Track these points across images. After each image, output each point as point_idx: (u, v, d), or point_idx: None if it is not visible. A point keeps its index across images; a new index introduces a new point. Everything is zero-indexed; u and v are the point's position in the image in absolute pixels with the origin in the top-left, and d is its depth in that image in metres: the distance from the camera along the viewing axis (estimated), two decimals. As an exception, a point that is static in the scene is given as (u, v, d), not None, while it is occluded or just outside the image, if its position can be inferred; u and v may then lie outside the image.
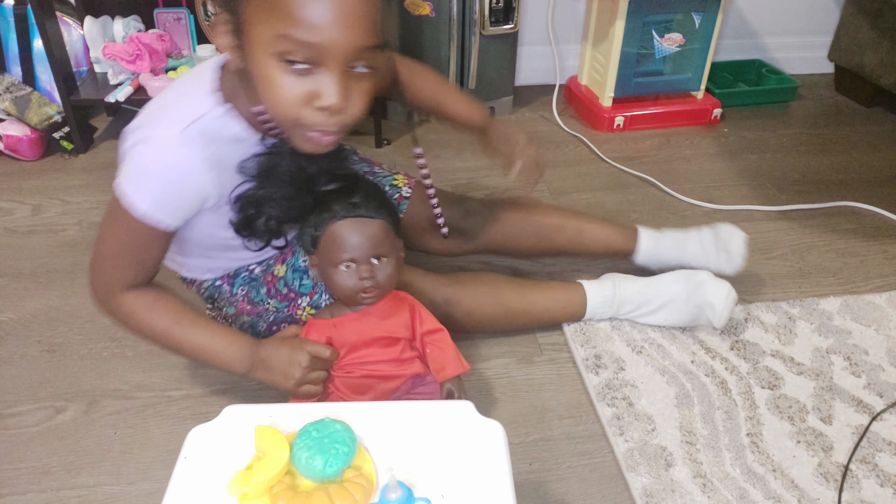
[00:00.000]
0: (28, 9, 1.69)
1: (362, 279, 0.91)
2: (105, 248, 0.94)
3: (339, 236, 0.91)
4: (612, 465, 1.03)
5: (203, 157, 0.88)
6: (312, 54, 0.76)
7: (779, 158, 1.87)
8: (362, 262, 0.92)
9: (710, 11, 1.90)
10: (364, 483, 0.59)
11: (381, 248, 0.93)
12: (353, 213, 0.92)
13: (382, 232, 0.93)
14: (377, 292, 0.93)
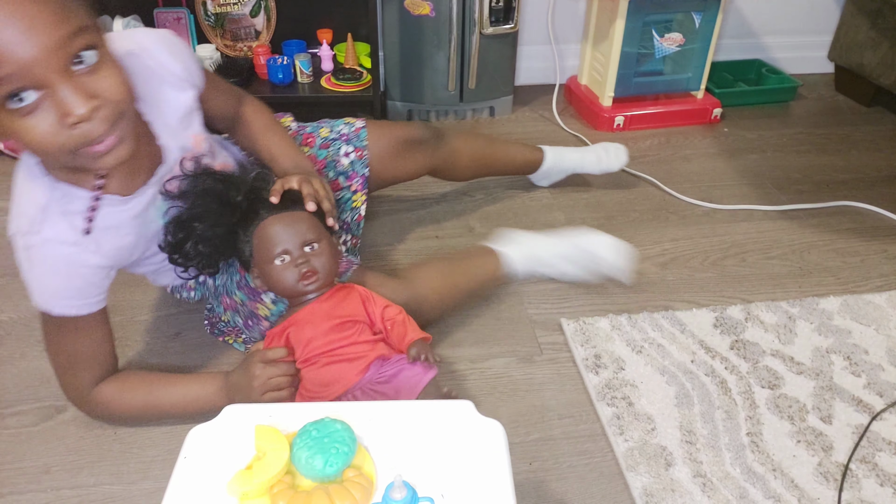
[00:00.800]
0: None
1: (298, 266, 0.96)
2: (58, 362, 0.99)
3: (267, 233, 0.97)
4: (612, 465, 1.03)
5: (71, 240, 0.88)
6: (21, 82, 0.69)
7: (779, 158, 1.87)
8: (295, 250, 0.96)
9: (710, 11, 1.90)
10: (364, 483, 0.59)
11: (310, 235, 0.97)
12: (274, 210, 0.97)
13: (307, 220, 0.98)
14: (317, 277, 0.97)
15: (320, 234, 0.99)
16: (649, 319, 1.28)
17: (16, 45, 0.67)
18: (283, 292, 1.00)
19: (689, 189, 1.71)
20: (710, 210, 1.64)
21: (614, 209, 1.64)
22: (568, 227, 1.57)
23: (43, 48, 0.68)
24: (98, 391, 1.00)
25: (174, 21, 1.88)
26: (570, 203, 1.66)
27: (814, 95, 2.22)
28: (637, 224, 1.59)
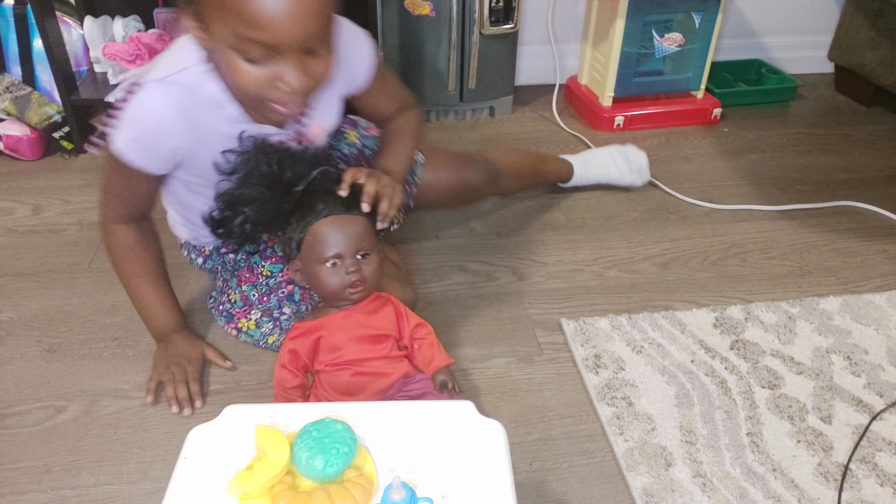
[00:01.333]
0: (28, 9, 1.69)
1: (349, 273, 0.93)
2: (104, 183, 1.07)
3: (323, 234, 0.93)
4: (612, 465, 1.03)
5: (177, 108, 0.94)
6: (268, 50, 0.81)
7: (779, 158, 1.87)
8: (348, 257, 0.93)
9: (710, 11, 1.90)
10: (364, 483, 0.59)
11: (365, 244, 0.95)
12: (335, 210, 0.94)
13: (365, 229, 0.96)
14: (364, 287, 0.95)
15: (373, 244, 0.97)
16: (649, 319, 1.28)
17: (282, 23, 0.79)
18: (325, 295, 0.98)
19: (689, 189, 1.71)
20: (710, 210, 1.64)
21: (614, 209, 1.64)
22: (567, 226, 1.57)
23: (306, 35, 0.81)
24: (117, 230, 1.10)
25: (174, 21, 1.88)
26: (570, 203, 1.66)
27: (814, 95, 2.22)
28: (637, 224, 1.59)
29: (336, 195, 0.95)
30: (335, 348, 0.95)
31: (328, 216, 0.93)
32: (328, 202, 0.94)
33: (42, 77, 1.80)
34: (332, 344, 0.95)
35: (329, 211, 0.94)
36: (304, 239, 0.94)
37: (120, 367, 1.18)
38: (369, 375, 0.95)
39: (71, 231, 1.53)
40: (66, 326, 1.27)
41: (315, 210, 0.94)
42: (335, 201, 0.94)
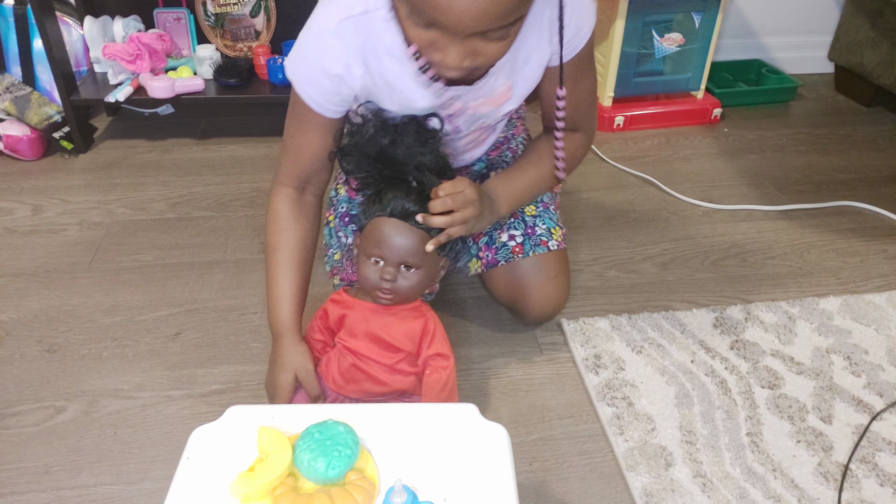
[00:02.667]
0: (28, 9, 1.69)
1: (383, 279, 0.91)
2: (283, 141, 1.03)
3: (378, 231, 0.91)
4: (612, 465, 1.03)
5: (354, 52, 0.90)
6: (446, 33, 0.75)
7: (779, 158, 1.87)
8: (390, 263, 0.91)
9: (710, 11, 1.90)
10: (366, 486, 0.59)
11: (413, 259, 0.91)
12: (399, 214, 0.90)
13: (420, 243, 0.91)
14: (394, 297, 0.92)
15: (423, 262, 0.92)
16: (649, 319, 1.28)
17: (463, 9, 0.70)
18: (361, 284, 0.96)
19: (689, 189, 1.71)
20: (710, 210, 1.64)
21: (614, 209, 1.64)
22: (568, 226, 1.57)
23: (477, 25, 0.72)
24: (279, 191, 1.04)
25: (174, 21, 1.88)
26: (570, 203, 1.66)
27: (814, 95, 2.23)
28: (637, 224, 1.59)
29: (412, 196, 0.90)
30: (352, 334, 0.96)
31: (391, 216, 0.90)
32: (398, 202, 0.90)
33: (42, 77, 1.80)
34: (351, 328, 0.96)
35: (394, 211, 0.90)
36: (366, 225, 0.93)
37: (120, 367, 1.18)
38: (366, 375, 0.96)
39: (71, 231, 1.53)
40: (66, 326, 1.27)
41: (383, 203, 0.90)
42: (406, 205, 0.90)
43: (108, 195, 1.66)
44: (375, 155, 0.91)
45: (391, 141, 0.90)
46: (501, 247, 1.17)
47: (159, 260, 1.44)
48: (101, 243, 1.49)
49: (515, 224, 1.18)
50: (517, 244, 1.16)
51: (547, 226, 1.18)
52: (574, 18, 0.92)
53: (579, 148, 1.13)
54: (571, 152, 1.09)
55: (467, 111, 1.01)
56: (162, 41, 1.82)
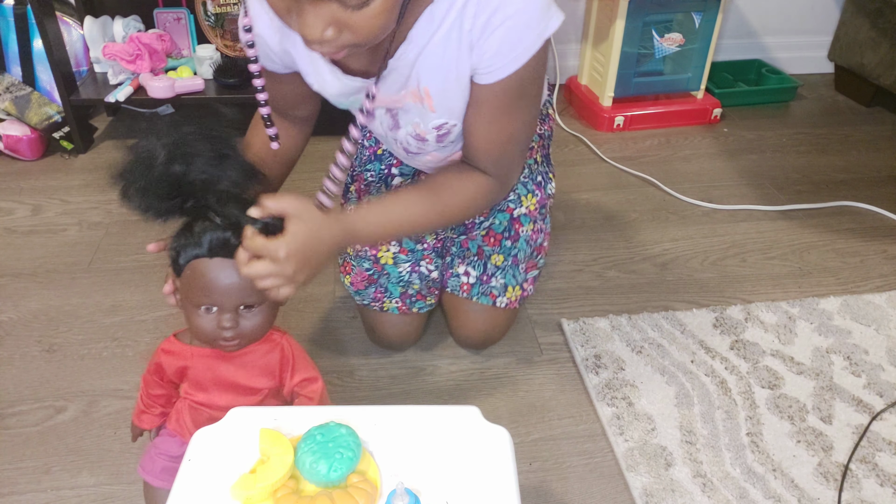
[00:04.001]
0: (28, 9, 1.69)
1: (222, 328, 0.76)
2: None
3: (202, 277, 0.74)
4: (612, 465, 1.04)
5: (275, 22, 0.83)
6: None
7: (779, 158, 1.87)
8: (226, 310, 0.76)
9: (710, 11, 1.89)
10: (368, 488, 0.58)
11: (253, 297, 0.76)
12: (223, 252, 0.74)
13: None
14: (239, 342, 0.79)
15: (263, 296, 0.77)
16: (649, 319, 1.28)
17: None
18: (198, 338, 0.82)
19: (689, 189, 1.71)
20: (710, 210, 1.64)
21: (614, 209, 1.64)
22: (567, 226, 1.57)
23: None
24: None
25: (174, 21, 1.88)
26: (569, 203, 1.66)
27: (814, 95, 2.23)
28: (637, 224, 1.59)
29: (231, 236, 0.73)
30: (199, 387, 0.85)
31: (213, 258, 0.74)
32: (214, 236, 0.73)
33: (42, 77, 1.80)
34: (197, 381, 0.84)
35: (214, 252, 0.74)
36: (184, 271, 0.76)
37: (120, 367, 1.18)
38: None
39: (71, 231, 1.53)
40: (66, 326, 1.27)
41: (199, 242, 0.73)
42: (225, 236, 0.73)
43: (108, 195, 1.66)
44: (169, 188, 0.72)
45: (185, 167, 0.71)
46: (454, 276, 1.16)
47: (159, 260, 1.42)
48: (100, 243, 1.49)
49: (475, 263, 1.14)
50: (468, 283, 1.14)
51: (505, 282, 1.15)
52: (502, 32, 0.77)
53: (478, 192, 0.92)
54: (468, 193, 0.92)
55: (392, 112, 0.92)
56: (162, 41, 1.81)
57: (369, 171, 1.12)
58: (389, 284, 1.14)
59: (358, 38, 0.67)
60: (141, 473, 0.89)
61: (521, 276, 1.17)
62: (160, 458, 0.89)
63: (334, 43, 0.67)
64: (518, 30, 0.77)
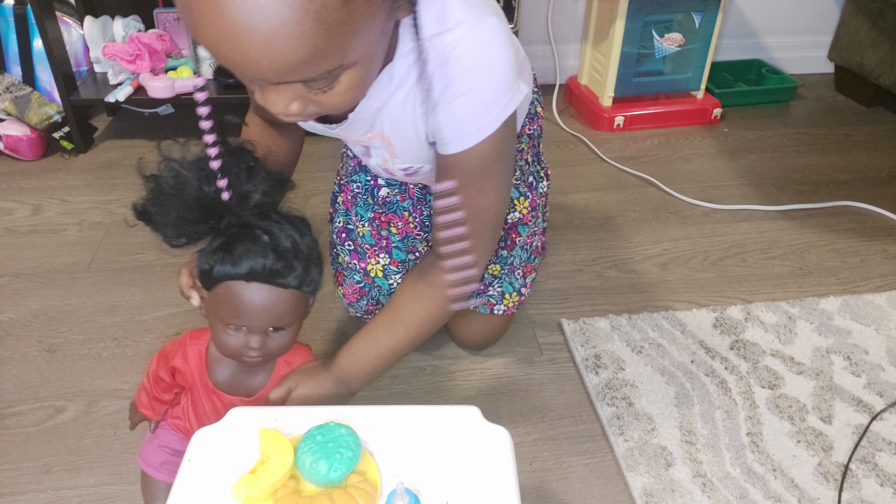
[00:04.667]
0: (28, 9, 1.69)
1: (250, 348, 0.77)
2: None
3: (236, 298, 0.74)
4: (612, 465, 1.04)
5: None
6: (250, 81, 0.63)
7: (779, 158, 1.87)
8: (256, 332, 0.77)
9: (710, 11, 1.89)
10: (368, 488, 0.58)
11: (283, 321, 0.77)
12: (261, 278, 0.73)
13: (291, 303, 0.77)
14: (264, 360, 0.80)
15: (294, 319, 0.79)
16: (649, 319, 1.28)
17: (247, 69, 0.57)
18: (221, 351, 0.81)
19: (689, 189, 1.71)
20: (710, 210, 1.64)
21: (614, 209, 1.64)
22: (567, 226, 1.57)
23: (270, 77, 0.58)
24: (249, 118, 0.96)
25: (174, 21, 1.88)
26: (569, 203, 1.66)
27: (814, 95, 2.23)
28: (637, 224, 1.59)
29: (270, 252, 0.73)
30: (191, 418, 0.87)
31: (250, 282, 0.73)
32: (256, 262, 0.72)
33: (42, 77, 1.80)
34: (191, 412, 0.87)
35: (252, 275, 0.73)
36: (215, 287, 0.75)
37: (120, 367, 1.18)
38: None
39: (71, 231, 1.53)
40: (66, 326, 1.27)
41: (236, 261, 0.72)
42: (266, 264, 0.72)
43: (108, 195, 1.66)
44: (204, 212, 0.72)
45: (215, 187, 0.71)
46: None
47: (159, 260, 1.44)
48: (100, 243, 1.49)
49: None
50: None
51: (503, 289, 1.14)
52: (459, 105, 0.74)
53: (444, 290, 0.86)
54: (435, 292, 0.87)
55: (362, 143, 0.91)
56: (162, 41, 1.81)
57: (355, 182, 1.10)
58: (381, 297, 1.13)
59: (327, 110, 0.66)
60: (140, 464, 0.90)
61: (519, 282, 1.16)
62: (162, 451, 0.90)
63: (301, 115, 0.65)
64: (476, 106, 0.74)
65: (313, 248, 0.77)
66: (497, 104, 0.74)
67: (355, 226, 1.09)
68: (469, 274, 0.82)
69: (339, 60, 0.58)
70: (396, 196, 1.07)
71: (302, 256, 0.75)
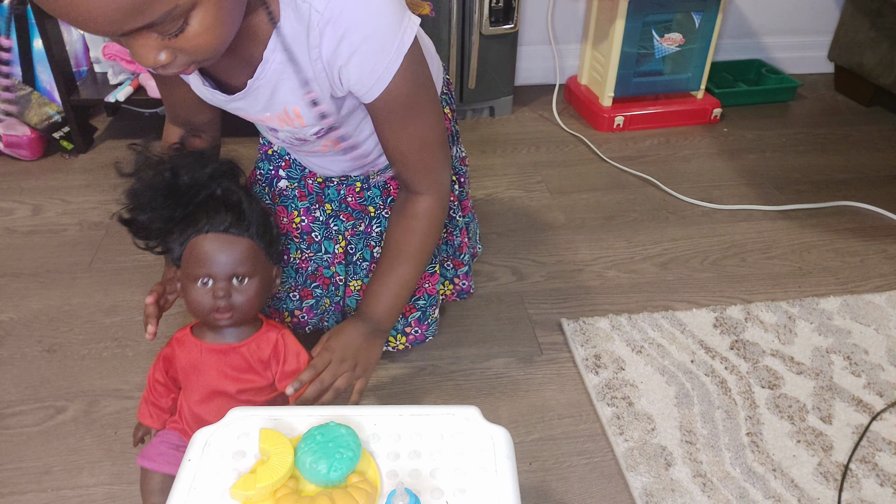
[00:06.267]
0: (28, 9, 1.69)
1: (216, 297, 0.85)
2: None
3: (198, 250, 0.85)
4: (612, 465, 1.04)
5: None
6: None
7: (779, 158, 1.87)
8: (220, 279, 0.85)
9: (710, 11, 1.90)
10: (368, 488, 0.58)
11: (244, 267, 0.86)
12: (217, 228, 0.85)
13: (248, 251, 0.87)
14: (232, 314, 0.87)
15: (255, 269, 0.88)
16: (649, 319, 1.28)
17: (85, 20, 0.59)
18: (194, 314, 0.90)
19: (689, 189, 1.71)
20: (710, 210, 1.64)
21: (614, 209, 1.64)
22: (567, 226, 1.57)
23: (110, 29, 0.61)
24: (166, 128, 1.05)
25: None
26: (569, 203, 1.66)
27: (813, 95, 2.23)
28: (637, 224, 1.59)
29: (222, 212, 0.86)
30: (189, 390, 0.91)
31: (208, 233, 0.85)
32: (212, 218, 0.85)
33: (42, 77, 1.79)
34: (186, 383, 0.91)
35: (210, 227, 0.85)
36: (183, 253, 0.87)
37: (120, 367, 1.18)
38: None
39: (71, 231, 1.53)
40: (66, 326, 1.27)
41: (196, 225, 0.85)
42: (219, 218, 0.85)
43: (108, 195, 1.66)
44: (165, 196, 0.85)
45: (172, 172, 0.84)
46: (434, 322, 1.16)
47: (159, 260, 1.43)
48: (101, 243, 1.49)
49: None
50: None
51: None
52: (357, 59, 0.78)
53: (425, 216, 0.96)
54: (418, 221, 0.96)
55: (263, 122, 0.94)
56: (162, 41, 1.81)
57: (259, 169, 1.12)
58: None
59: (195, 57, 0.68)
60: (139, 461, 0.91)
61: (450, 273, 1.20)
62: (160, 445, 0.91)
63: (174, 64, 0.68)
64: (375, 50, 0.78)
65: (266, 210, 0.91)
66: (394, 40, 0.78)
67: None
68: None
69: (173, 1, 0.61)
70: (294, 191, 1.10)
71: (252, 211, 0.87)
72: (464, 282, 1.22)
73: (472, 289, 1.24)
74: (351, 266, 1.11)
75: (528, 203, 1.66)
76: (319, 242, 1.11)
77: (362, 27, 0.76)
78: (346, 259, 1.11)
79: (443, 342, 1.24)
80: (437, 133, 0.92)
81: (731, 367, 1.19)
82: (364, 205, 1.08)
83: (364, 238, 1.09)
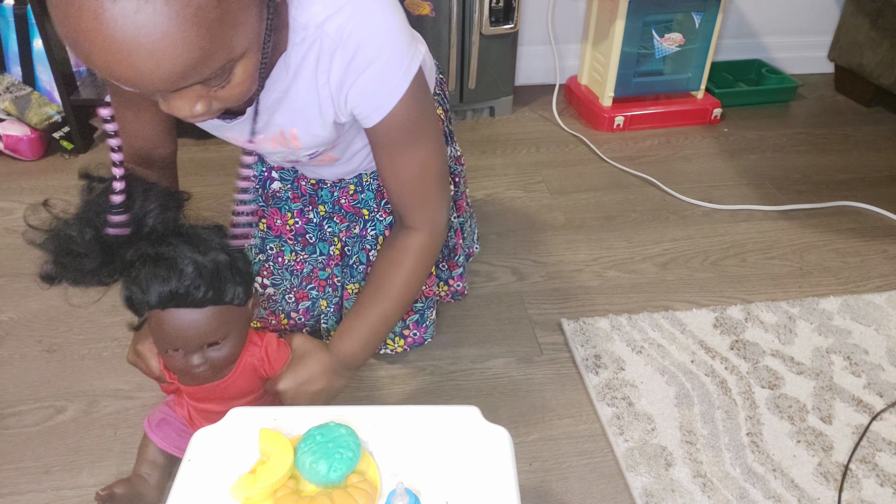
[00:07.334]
0: (28, 9, 1.69)
1: (192, 366, 0.80)
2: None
3: (160, 324, 0.76)
4: (612, 465, 1.04)
5: None
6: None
7: (779, 158, 1.87)
8: (192, 351, 0.79)
9: (710, 11, 1.89)
10: (368, 488, 0.58)
11: (215, 336, 0.79)
12: (172, 303, 0.74)
13: (217, 318, 0.78)
14: (213, 371, 0.82)
15: (228, 329, 0.80)
16: (649, 319, 1.28)
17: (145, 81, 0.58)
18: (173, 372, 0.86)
19: (689, 189, 1.71)
20: (710, 210, 1.64)
21: (614, 209, 1.64)
22: (567, 226, 1.57)
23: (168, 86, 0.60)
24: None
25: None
26: (569, 203, 1.66)
27: (814, 95, 2.23)
28: (637, 224, 1.59)
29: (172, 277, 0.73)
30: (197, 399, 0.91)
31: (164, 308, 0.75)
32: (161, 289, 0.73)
33: (42, 77, 1.79)
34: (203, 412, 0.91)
35: (163, 302, 0.74)
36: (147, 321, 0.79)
37: (120, 367, 1.18)
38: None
39: (71, 231, 1.53)
40: (66, 326, 1.27)
41: (148, 293, 0.73)
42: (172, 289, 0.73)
43: (108, 195, 1.66)
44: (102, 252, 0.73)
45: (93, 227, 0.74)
46: (431, 324, 1.17)
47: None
48: (101, 243, 1.49)
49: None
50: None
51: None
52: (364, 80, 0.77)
53: (415, 252, 0.91)
54: (407, 256, 0.91)
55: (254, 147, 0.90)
56: (162, 41, 1.81)
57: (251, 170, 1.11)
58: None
59: (229, 104, 0.68)
60: (145, 423, 0.94)
61: (444, 275, 1.20)
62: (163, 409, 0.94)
63: (208, 112, 0.67)
64: (381, 73, 0.77)
65: (221, 261, 0.76)
66: (400, 65, 0.78)
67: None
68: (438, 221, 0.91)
69: (228, 55, 0.60)
70: (287, 193, 1.09)
71: (207, 273, 0.74)
72: (458, 283, 1.23)
73: (466, 290, 1.24)
74: (347, 269, 1.11)
75: (528, 203, 1.66)
76: (314, 244, 1.11)
77: (372, 49, 0.75)
78: (342, 261, 1.11)
79: (443, 342, 1.25)
80: (437, 163, 0.89)
81: (732, 367, 1.19)
82: (358, 207, 1.08)
83: (360, 241, 1.09)
